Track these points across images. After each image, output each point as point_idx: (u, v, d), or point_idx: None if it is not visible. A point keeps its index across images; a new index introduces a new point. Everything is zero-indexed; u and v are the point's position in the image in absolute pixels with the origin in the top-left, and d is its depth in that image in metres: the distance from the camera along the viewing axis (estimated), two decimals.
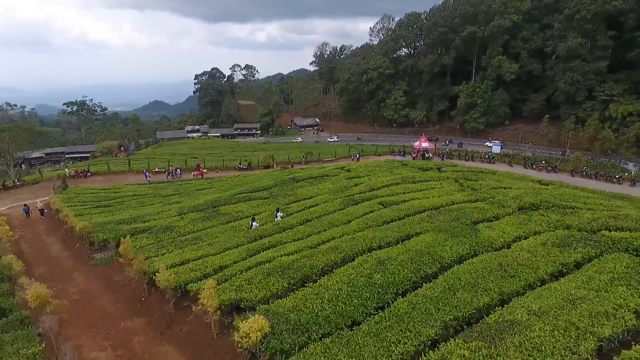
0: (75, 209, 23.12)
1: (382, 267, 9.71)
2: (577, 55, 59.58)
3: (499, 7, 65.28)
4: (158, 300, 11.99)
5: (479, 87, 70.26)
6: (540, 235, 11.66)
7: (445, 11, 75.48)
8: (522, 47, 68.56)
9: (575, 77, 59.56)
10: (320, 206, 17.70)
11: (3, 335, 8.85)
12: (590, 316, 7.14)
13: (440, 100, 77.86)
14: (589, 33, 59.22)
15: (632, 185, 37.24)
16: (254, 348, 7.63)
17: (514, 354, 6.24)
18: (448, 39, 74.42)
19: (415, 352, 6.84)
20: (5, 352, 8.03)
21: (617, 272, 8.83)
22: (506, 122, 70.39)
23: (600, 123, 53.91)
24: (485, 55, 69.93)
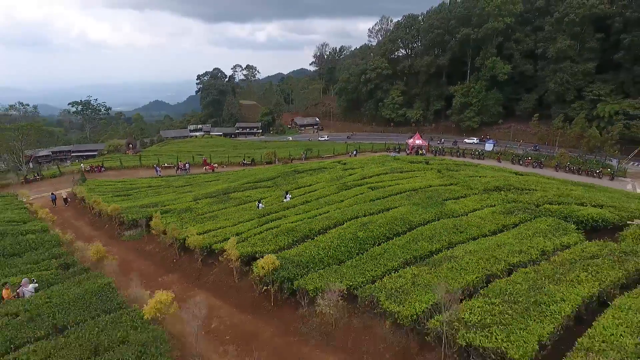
0: (99, 197, 26.12)
1: (364, 227, 12.73)
2: (566, 56, 62.64)
3: (492, 10, 68.31)
4: (187, 260, 15.02)
5: (474, 87, 73.26)
6: (493, 207, 14.69)
7: (441, 13, 78.54)
8: (515, 48, 71.67)
9: (564, 78, 62.65)
10: (318, 191, 20.75)
11: (78, 277, 11.88)
12: (507, 252, 10.15)
13: (437, 100, 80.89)
14: (578, 35, 62.29)
15: (611, 179, 40.30)
16: (267, 278, 10.64)
17: (446, 272, 9.23)
18: (444, 41, 77.52)
19: (382, 274, 9.85)
20: (84, 283, 11.03)
21: (539, 229, 11.85)
22: (500, 121, 73.41)
23: (587, 122, 56.87)
24: (479, 56, 73.00)
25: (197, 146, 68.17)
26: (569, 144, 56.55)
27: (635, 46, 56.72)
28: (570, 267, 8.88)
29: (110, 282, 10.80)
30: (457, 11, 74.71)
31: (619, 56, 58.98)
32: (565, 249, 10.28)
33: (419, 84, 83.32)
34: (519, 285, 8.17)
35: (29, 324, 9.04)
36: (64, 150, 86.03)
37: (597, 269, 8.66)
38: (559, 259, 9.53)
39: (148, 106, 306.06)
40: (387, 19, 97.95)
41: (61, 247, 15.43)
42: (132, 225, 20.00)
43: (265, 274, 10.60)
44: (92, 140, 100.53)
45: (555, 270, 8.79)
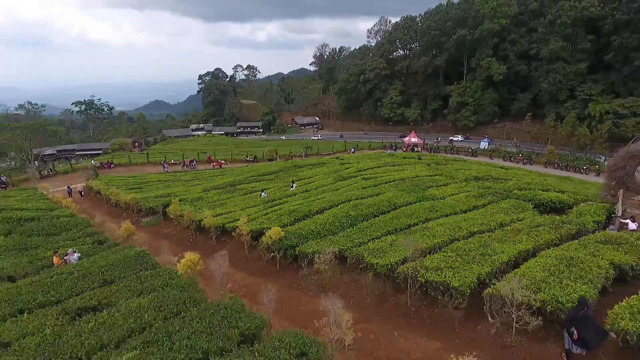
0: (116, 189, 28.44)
1: (355, 208, 15.05)
2: (559, 57, 65.00)
3: (487, 12, 70.64)
4: (203, 239, 17.34)
5: (470, 87, 75.65)
6: (468, 192, 17.01)
7: (438, 15, 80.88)
8: (510, 49, 74.00)
9: (557, 78, 65.01)
10: (316, 182, 23.09)
11: (113, 248, 14.20)
12: (471, 224, 12.45)
13: (434, 100, 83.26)
14: (570, 37, 64.66)
15: (597, 175, 42.53)
16: (274, 247, 12.95)
17: (418, 238, 11.54)
18: (441, 42, 79.88)
19: (367, 241, 12.16)
20: (120, 252, 13.34)
21: (502, 208, 14.16)
22: (495, 120, 75.70)
23: (578, 120, 59.23)
24: (475, 57, 75.34)
25: (200, 145, 70.48)
26: (561, 142, 58.86)
27: (624, 47, 59.09)
28: (517, 233, 11.20)
29: (144, 250, 13.13)
30: (454, 13, 77.09)
31: (609, 57, 61.37)
32: (518, 222, 12.60)
33: (416, 84, 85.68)
34: (473, 244, 10.48)
35: (83, 279, 11.34)
36: (68, 149, 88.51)
37: (537, 233, 10.97)
38: (510, 228, 11.85)
39: (148, 106, 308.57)
40: (386, 20, 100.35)
41: (92, 227, 17.76)
42: (148, 213, 22.31)
43: (272, 243, 12.92)
44: (95, 139, 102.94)
45: (504, 235, 11.11)
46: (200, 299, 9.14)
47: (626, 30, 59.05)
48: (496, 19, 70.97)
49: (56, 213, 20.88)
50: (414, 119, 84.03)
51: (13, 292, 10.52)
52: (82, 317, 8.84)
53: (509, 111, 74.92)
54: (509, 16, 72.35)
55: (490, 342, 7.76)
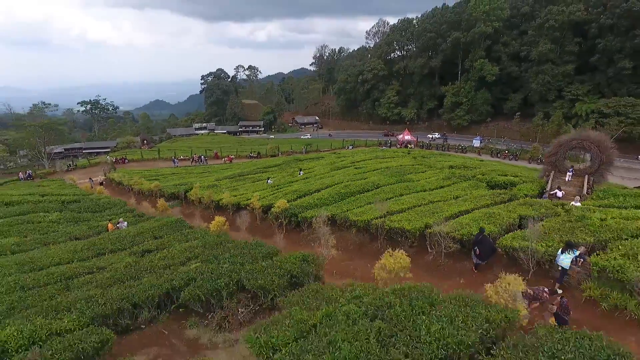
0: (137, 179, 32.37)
1: (345, 187, 18.96)
2: (547, 59, 68.85)
3: (479, 15, 74.57)
4: (221, 215, 21.20)
5: (464, 88, 79.54)
6: (439, 176, 20.93)
7: (434, 18, 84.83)
8: (503, 51, 77.88)
9: (546, 79, 68.88)
10: (315, 171, 27.00)
11: (152, 219, 18.10)
12: (434, 197, 16.31)
13: (430, 100, 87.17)
14: (558, 40, 68.51)
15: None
16: (280, 215, 16.82)
17: (391, 205, 15.43)
18: (436, 44, 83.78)
19: (352, 209, 16.05)
20: (160, 220, 17.21)
21: (462, 186, 18.05)
22: (488, 119, 79.48)
23: (564, 119, 63.10)
24: (469, 58, 79.25)
25: (204, 143, 74.44)
26: (548, 140, 62.65)
27: (608, 50, 62.93)
28: (464, 201, 15.09)
29: (180, 218, 17.04)
30: (448, 16, 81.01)
31: (594, 59, 65.19)
32: (470, 195, 16.49)
33: (413, 84, 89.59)
34: (429, 208, 14.37)
35: (138, 235, 15.23)
36: (76, 147, 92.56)
37: (479, 200, 14.87)
38: (461, 198, 15.74)
39: (149, 105, 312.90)
40: (384, 22, 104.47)
41: (128, 206, 21.68)
42: (171, 197, 26.20)
43: (279, 212, 16.82)
44: (100, 138, 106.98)
45: (455, 203, 15.00)
46: (231, 241, 13.06)
47: (610, 34, 62.90)
48: (489, 22, 74.89)
49: (93, 197, 24.83)
50: (410, 118, 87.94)
51: (89, 244, 14.46)
52: (148, 255, 12.76)
53: (502, 110, 78.74)
54: (501, 19, 76.26)
55: (430, 264, 11.67)
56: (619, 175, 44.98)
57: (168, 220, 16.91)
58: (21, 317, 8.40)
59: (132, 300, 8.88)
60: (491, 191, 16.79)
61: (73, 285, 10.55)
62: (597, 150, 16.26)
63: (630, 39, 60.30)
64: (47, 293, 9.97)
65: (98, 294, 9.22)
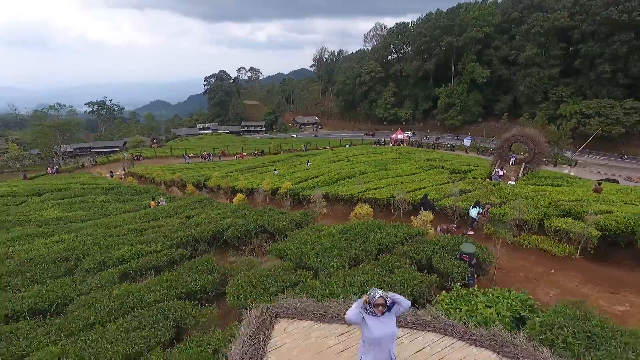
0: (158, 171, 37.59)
1: (337, 174, 24.15)
2: (534, 63, 74.09)
3: (470, 21, 79.86)
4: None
5: (456, 90, 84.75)
6: (410, 163, 26.11)
7: (429, 23, 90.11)
8: (493, 54, 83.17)
9: (533, 82, 74.08)
10: (314, 164, 32.17)
11: (183, 199, 23.27)
12: (404, 180, 21.46)
13: (424, 101, 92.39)
14: (544, 45, 73.79)
15: (554, 166, 51.63)
16: (286, 194, 21.98)
17: (370, 185, 20.57)
18: (430, 47, 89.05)
19: (341, 187, 21.22)
20: (191, 198, 22.35)
21: (429, 173, 23.22)
22: (479, 120, 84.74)
23: (547, 119, 68.26)
24: (461, 61, 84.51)
25: (209, 142, 79.66)
26: None
27: (589, 55, 68.18)
28: (426, 181, 20.25)
29: (208, 197, 22.19)
30: (442, 21, 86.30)
31: (577, 63, 70.44)
32: (433, 179, 21.67)
33: (408, 86, 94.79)
34: (399, 186, 19.51)
35: (177, 208, 20.34)
36: (84, 147, 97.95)
37: (437, 180, 20.03)
38: (425, 180, 20.90)
39: (149, 106, 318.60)
40: (381, 26, 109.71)
41: (160, 191, 26.84)
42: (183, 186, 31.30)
43: (285, 192, 21.98)
44: (106, 138, 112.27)
45: (419, 182, 20.15)
46: (251, 208, 18.22)
47: (591, 40, 68.15)
48: (479, 27, 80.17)
49: (126, 185, 30.01)
50: (406, 118, 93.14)
51: (143, 214, 19.60)
52: (192, 218, 17.91)
53: (493, 111, 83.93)
54: (492, 24, 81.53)
55: (393, 221, 16.81)
56: (597, 171, 50.39)
57: (199, 198, 22.10)
58: (126, 245, 13.54)
59: (194, 237, 13.99)
60: (450, 175, 21.97)
61: (146, 234, 15.67)
62: (532, 144, 21.42)
63: (609, 44, 65.54)
64: (131, 237, 15.11)
65: (169, 234, 14.35)
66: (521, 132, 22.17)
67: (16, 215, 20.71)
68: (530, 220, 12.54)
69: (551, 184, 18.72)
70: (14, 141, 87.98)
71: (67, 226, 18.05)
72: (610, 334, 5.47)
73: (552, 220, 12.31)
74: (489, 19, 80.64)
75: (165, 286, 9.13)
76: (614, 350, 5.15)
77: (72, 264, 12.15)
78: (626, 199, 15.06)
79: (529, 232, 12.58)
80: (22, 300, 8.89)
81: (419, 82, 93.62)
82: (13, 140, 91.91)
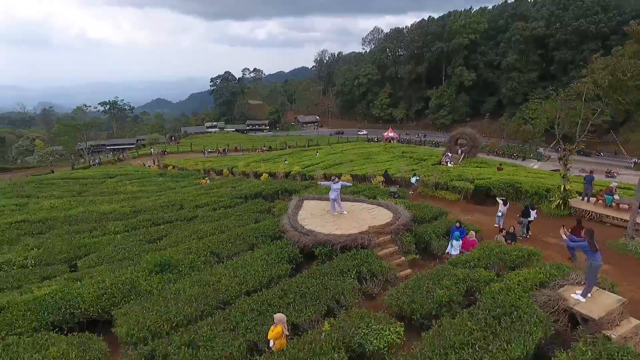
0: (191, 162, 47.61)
1: (332, 161, 34.20)
2: (515, 68, 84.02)
3: (458, 28, 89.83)
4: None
5: (446, 91, 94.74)
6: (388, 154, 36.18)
7: (421, 29, 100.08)
8: (480, 59, 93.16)
9: (514, 85, 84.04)
10: (315, 158, 42.27)
11: (219, 179, 33.38)
12: (379, 163, 31.46)
13: (417, 101, 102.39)
14: (524, 51, 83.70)
15: (522, 160, 61.62)
16: (298, 175, 32.02)
17: (352, 167, 30.54)
18: (422, 52, 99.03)
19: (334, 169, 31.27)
20: (228, 178, 32.34)
21: (399, 161, 33.24)
22: (467, 119, 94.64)
23: (523, 119, 78.22)
24: (450, 65, 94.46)
25: (220, 139, 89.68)
26: (511, 137, 77.77)
27: (563, 61, 78.16)
28: (392, 164, 30.25)
29: (241, 177, 32.21)
30: (432, 28, 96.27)
31: (553, 68, 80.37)
32: (395, 160, 31.69)
33: (402, 87, 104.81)
34: (374, 167, 29.53)
35: (221, 185, 30.28)
36: (100, 144, 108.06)
37: (400, 163, 30.03)
38: (389, 164, 30.92)
39: (151, 104, 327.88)
40: (379, 30, 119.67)
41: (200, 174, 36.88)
42: (219, 172, 41.32)
43: (295, 173, 32.01)
44: (118, 136, 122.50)
45: (389, 165, 30.18)
46: (273, 182, 28.27)
47: (564, 48, 78.12)
48: (466, 34, 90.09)
49: (171, 172, 40.04)
50: (400, 117, 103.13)
51: (199, 187, 29.66)
52: (236, 187, 28.00)
53: (479, 111, 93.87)
54: (478, 32, 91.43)
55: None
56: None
57: (235, 178, 32.13)
58: (207, 197, 23.46)
59: (244, 194, 23.90)
60: (411, 161, 32.00)
61: (212, 194, 25.60)
62: (469, 140, 31.38)
63: (579, 52, 75.47)
64: (204, 195, 25.05)
65: (229, 193, 24.30)
66: (462, 131, 32.14)
67: (109, 188, 30.75)
68: (441, 182, 22.50)
69: (476, 166, 28.69)
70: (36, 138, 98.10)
71: (151, 194, 28.04)
72: (439, 212, 15.24)
73: (454, 182, 22.27)
74: (474, 26, 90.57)
75: (244, 209, 19.09)
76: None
77: (179, 207, 22.09)
78: (510, 173, 25.05)
79: (440, 189, 22.53)
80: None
81: (412, 84, 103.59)
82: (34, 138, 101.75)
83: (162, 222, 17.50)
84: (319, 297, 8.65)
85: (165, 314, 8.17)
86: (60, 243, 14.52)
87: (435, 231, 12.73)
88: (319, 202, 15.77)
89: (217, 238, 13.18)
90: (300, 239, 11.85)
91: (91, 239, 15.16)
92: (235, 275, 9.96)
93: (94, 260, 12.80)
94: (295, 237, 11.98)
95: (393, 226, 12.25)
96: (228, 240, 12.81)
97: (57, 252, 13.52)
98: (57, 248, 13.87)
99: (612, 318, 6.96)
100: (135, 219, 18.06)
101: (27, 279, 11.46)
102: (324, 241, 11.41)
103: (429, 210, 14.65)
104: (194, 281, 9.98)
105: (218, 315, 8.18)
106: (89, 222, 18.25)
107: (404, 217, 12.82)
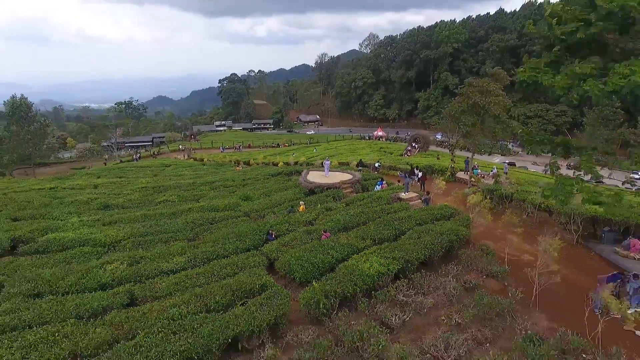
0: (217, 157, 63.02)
1: (327, 154, 49.69)
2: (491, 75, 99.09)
3: (442, 38, 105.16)
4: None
5: (433, 94, 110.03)
6: (369, 149, 51.67)
7: (411, 38, 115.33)
8: (463, 65, 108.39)
9: None
10: (316, 152, 57.80)
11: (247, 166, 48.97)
12: (360, 155, 46.87)
13: (408, 103, 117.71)
14: (500, 60, 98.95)
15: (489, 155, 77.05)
16: (303, 163, 47.49)
17: (343, 158, 45.95)
18: (412, 59, 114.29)
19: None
20: (252, 166, 47.76)
21: (375, 154, 48.71)
22: None
23: None
24: (437, 70, 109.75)
25: (231, 137, 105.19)
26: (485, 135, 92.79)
27: None
28: (369, 156, 45.67)
29: (262, 165, 47.69)
30: (421, 37, 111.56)
31: None
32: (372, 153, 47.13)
33: (395, 90, 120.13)
34: (355, 156, 44.89)
35: (253, 169, 45.60)
36: (120, 141, 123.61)
37: (375, 154, 45.46)
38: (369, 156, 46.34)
39: (152, 101, 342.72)
40: (374, 36, 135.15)
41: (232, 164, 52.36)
42: (247, 163, 56.69)
43: (302, 161, 47.43)
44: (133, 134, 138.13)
45: (367, 156, 45.60)
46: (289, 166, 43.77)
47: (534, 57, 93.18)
48: (450, 43, 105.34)
49: (207, 163, 55.58)
50: (393, 117, 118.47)
51: (235, 172, 45.28)
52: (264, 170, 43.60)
53: None
54: (460, 41, 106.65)
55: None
56: (524, 159, 75.69)
57: (259, 165, 47.56)
58: (250, 175, 38.85)
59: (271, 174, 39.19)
60: (384, 154, 47.35)
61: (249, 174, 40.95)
62: (422, 139, 46.71)
63: None
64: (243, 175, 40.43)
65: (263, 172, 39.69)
66: (418, 133, 47.43)
67: (172, 172, 46.12)
68: (394, 165, 37.89)
69: (424, 156, 43.98)
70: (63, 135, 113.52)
71: (207, 175, 43.38)
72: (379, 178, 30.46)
73: (400, 165, 37.65)
74: (457, 36, 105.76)
75: (274, 180, 34.49)
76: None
77: (232, 180, 37.39)
78: (441, 161, 40.46)
79: (393, 170, 37.89)
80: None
81: (404, 87, 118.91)
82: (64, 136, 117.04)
83: (231, 185, 32.90)
84: (316, 202, 24.04)
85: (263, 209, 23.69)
86: (185, 193, 29.92)
87: (372, 184, 28.18)
88: (317, 171, 31.23)
89: (266, 186, 28.64)
90: (307, 185, 27.21)
91: (200, 192, 30.54)
92: (280, 198, 25.41)
93: (209, 198, 28.21)
94: (305, 184, 27.37)
95: (351, 180, 27.66)
96: (272, 188, 28.29)
97: (188, 196, 28.91)
98: (187, 194, 29.28)
99: (411, 197, 22.42)
100: (213, 184, 33.47)
101: (181, 205, 26.87)
102: (318, 185, 26.79)
103: (373, 177, 30.18)
104: (261, 202, 25.31)
105: (277, 208, 23.61)
106: (188, 187, 33.65)
107: (357, 177, 28.25)
